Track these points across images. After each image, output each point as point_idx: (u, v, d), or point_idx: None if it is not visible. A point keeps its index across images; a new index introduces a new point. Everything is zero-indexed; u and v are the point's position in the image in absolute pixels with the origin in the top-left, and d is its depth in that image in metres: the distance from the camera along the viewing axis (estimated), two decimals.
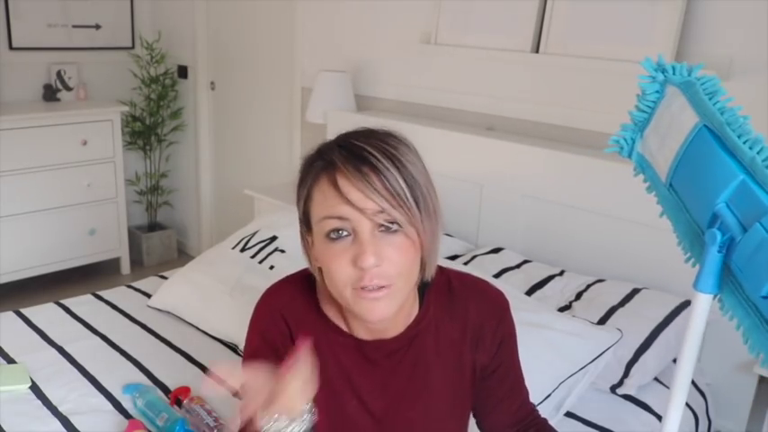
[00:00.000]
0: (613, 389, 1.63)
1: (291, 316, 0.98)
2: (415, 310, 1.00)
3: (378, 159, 0.84)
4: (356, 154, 0.85)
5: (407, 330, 0.98)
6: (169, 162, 3.94)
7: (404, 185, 0.84)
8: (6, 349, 1.76)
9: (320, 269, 0.94)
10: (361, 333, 0.98)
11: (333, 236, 0.85)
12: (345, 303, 0.89)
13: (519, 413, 1.09)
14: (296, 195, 0.93)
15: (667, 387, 1.71)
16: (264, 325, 1.00)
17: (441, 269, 1.03)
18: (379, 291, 0.85)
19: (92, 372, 1.67)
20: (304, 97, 2.96)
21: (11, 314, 1.97)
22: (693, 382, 1.78)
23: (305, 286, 1.01)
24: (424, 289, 1.01)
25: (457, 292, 1.02)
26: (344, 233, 0.85)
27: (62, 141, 3.24)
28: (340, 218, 0.84)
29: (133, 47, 3.75)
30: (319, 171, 0.87)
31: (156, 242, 3.86)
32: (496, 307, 1.03)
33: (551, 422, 1.46)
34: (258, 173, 3.39)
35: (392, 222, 0.84)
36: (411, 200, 0.84)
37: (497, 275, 1.91)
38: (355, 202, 0.83)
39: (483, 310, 1.01)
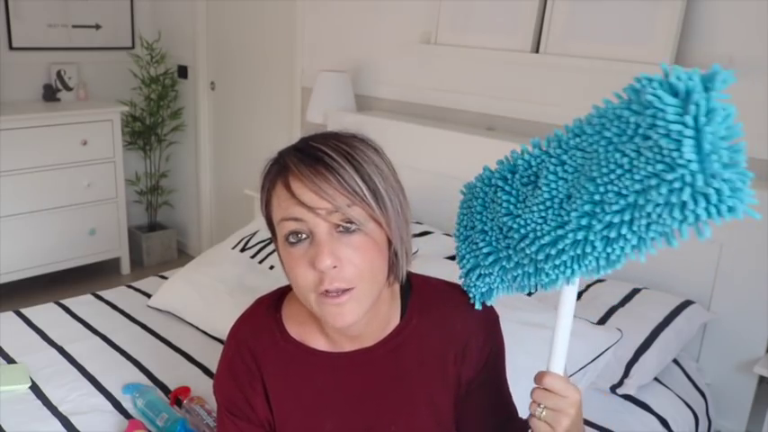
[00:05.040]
0: (613, 389, 1.63)
1: (258, 348, 0.97)
2: (396, 318, 0.97)
3: (332, 158, 0.82)
4: (310, 154, 0.83)
5: (388, 339, 0.96)
6: (169, 162, 3.94)
7: (359, 182, 0.82)
8: (6, 349, 1.76)
9: None
10: (342, 343, 0.96)
11: (291, 239, 0.84)
12: (312, 310, 0.87)
13: (505, 428, 1.04)
14: (259, 200, 0.93)
15: (667, 387, 1.71)
16: (231, 358, 0.99)
17: (426, 279, 1.02)
18: (341, 295, 0.83)
19: (92, 372, 1.67)
20: (304, 97, 2.97)
21: (11, 314, 1.97)
22: (693, 382, 1.78)
23: (270, 314, 0.99)
24: (406, 298, 0.98)
25: (443, 304, 0.99)
26: (303, 236, 0.83)
27: (62, 141, 3.24)
28: (296, 219, 0.83)
29: (133, 47, 3.76)
30: (275, 176, 0.87)
31: (156, 242, 3.86)
32: (485, 321, 0.99)
33: None
34: (258, 173, 3.38)
35: (349, 222, 0.82)
36: (369, 195, 0.82)
37: None
38: (308, 202, 0.81)
39: (471, 323, 0.97)
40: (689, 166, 0.62)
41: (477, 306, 0.96)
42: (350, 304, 0.84)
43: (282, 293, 1.02)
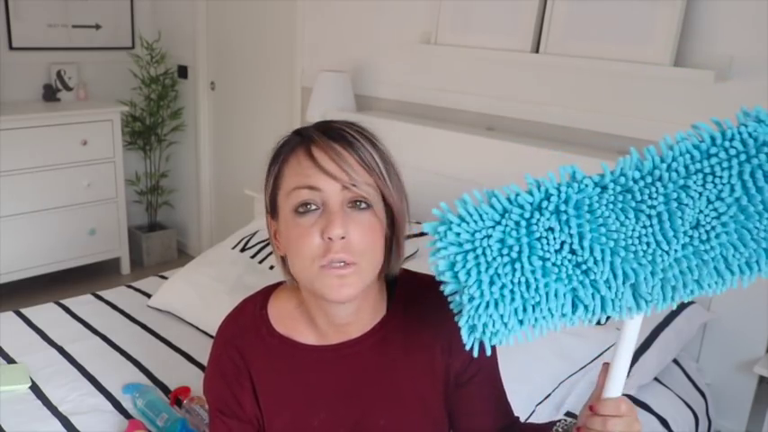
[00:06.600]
0: None
1: (245, 344, 0.98)
2: (383, 310, 0.98)
3: (353, 137, 0.88)
4: (333, 132, 0.89)
5: (374, 330, 0.97)
6: (169, 162, 3.94)
7: (378, 160, 0.88)
8: (6, 349, 1.76)
9: (284, 259, 0.94)
10: (330, 334, 0.96)
11: (301, 209, 0.86)
12: (310, 285, 0.88)
13: (500, 425, 1.02)
14: (264, 180, 0.94)
15: (667, 387, 1.71)
16: (219, 357, 1.00)
17: (412, 273, 1.02)
18: (344, 268, 0.85)
19: (92, 372, 1.67)
20: (304, 97, 2.96)
21: (11, 314, 1.97)
22: (693, 382, 1.78)
23: (257, 311, 1.00)
24: (392, 290, 0.99)
25: (429, 296, 0.97)
26: (313, 207, 0.86)
27: (62, 141, 3.24)
28: (311, 187, 0.85)
29: (133, 47, 3.76)
30: (295, 145, 0.90)
31: (156, 242, 3.86)
32: None
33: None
34: (258, 173, 3.37)
35: (360, 200, 0.86)
36: (385, 173, 0.88)
37: None
38: (329, 170, 0.85)
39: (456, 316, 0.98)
40: None
41: (488, 352, 0.78)
42: (351, 278, 0.85)
43: (268, 292, 1.03)
